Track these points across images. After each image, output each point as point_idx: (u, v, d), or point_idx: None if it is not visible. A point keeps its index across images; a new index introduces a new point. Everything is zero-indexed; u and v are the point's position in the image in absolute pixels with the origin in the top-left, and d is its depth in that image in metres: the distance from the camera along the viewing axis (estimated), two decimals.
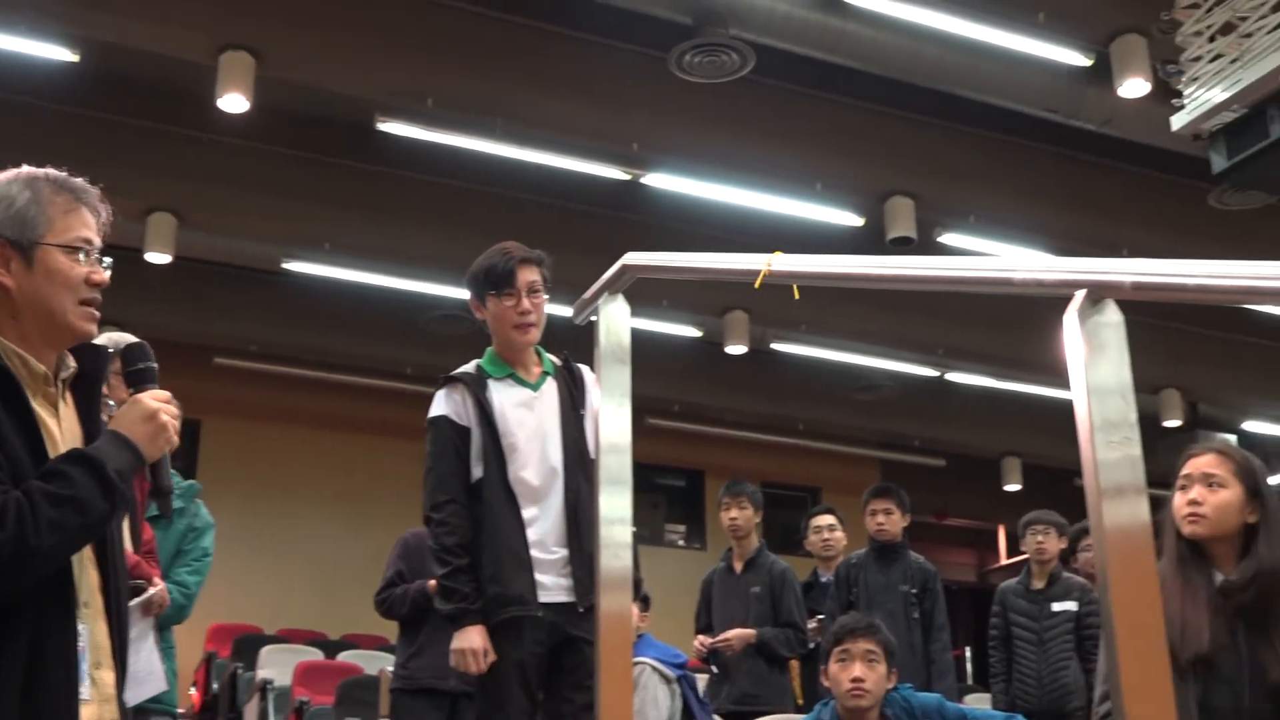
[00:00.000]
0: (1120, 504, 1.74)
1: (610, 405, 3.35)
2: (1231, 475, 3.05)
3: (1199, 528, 3.03)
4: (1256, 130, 6.70)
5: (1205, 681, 2.94)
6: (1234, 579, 2.97)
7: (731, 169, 9.65)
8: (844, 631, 4.25)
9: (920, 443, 15.63)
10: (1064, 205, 10.32)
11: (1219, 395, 14.04)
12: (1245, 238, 10.36)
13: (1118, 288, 1.77)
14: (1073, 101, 8.62)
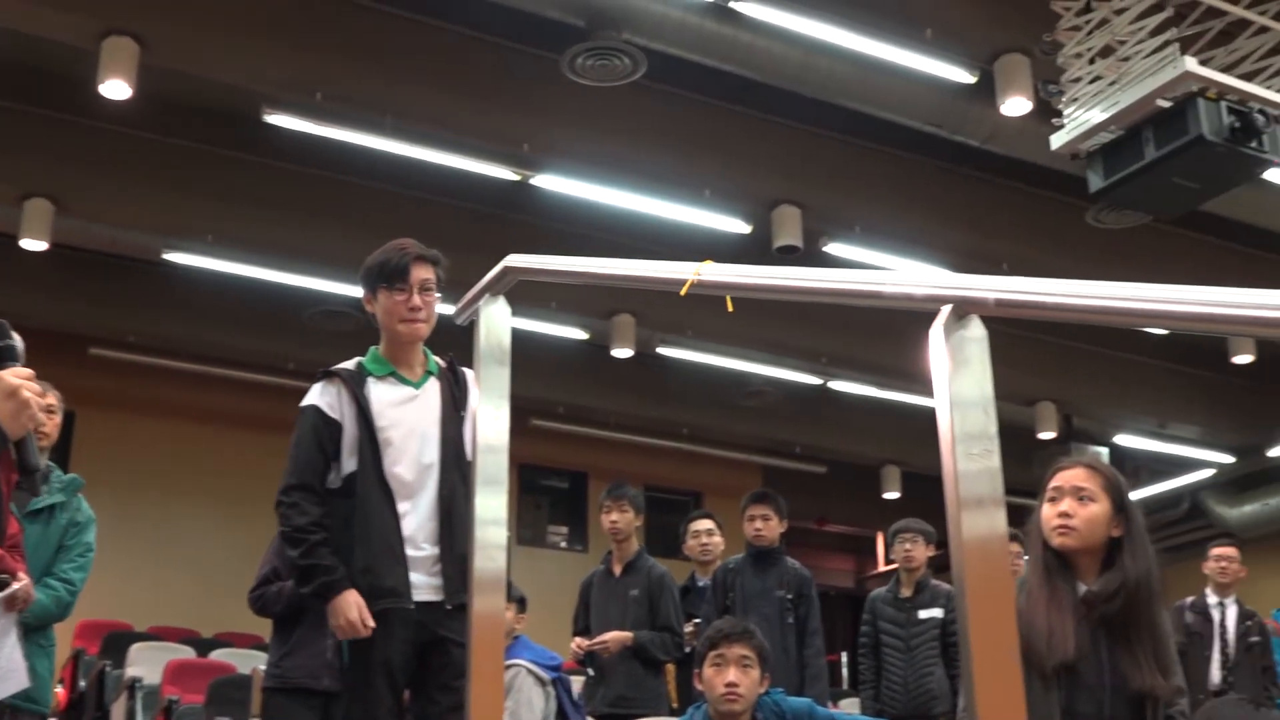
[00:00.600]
0: (979, 514, 1.78)
1: (488, 406, 3.36)
2: (1100, 490, 3.13)
3: (1069, 539, 3.11)
4: (1132, 151, 6.86)
5: (1069, 688, 3.02)
6: (1097, 589, 3.05)
7: (622, 173, 9.67)
8: (719, 636, 4.28)
9: (802, 449, 15.79)
10: (947, 219, 10.50)
11: (1092, 409, 14.36)
12: (1122, 256, 10.62)
13: (981, 304, 1.81)
14: (957, 117, 8.77)
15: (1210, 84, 6.53)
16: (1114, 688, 3.02)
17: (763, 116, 9.59)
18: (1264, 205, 9.89)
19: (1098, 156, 7.02)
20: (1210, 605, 7.33)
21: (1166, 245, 10.98)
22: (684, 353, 12.73)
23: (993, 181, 10.40)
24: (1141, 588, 3.04)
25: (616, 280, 3.06)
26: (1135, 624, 3.04)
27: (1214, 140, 6.49)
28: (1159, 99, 6.62)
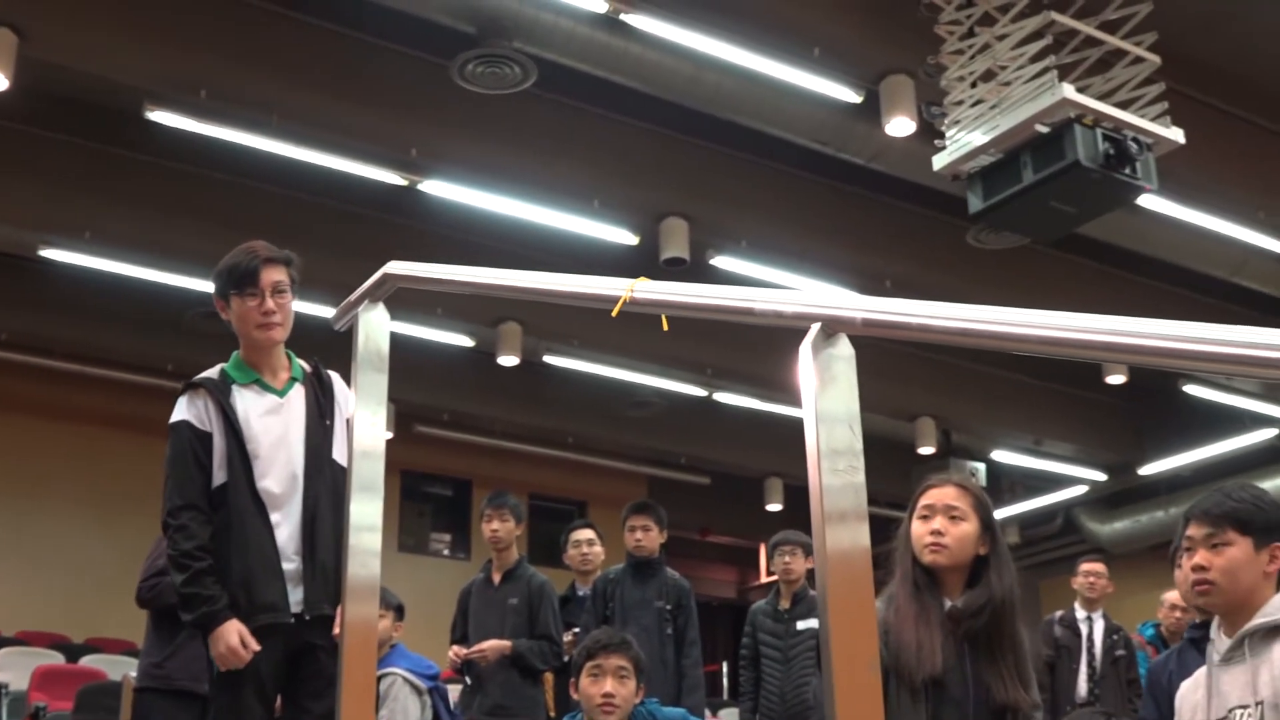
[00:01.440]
0: (842, 529, 1.81)
1: (365, 412, 3.34)
2: (970, 509, 3.21)
3: (940, 557, 3.17)
4: (1011, 174, 7.00)
5: (936, 701, 3.08)
6: (964, 605, 3.13)
7: (510, 181, 9.66)
8: (597, 647, 4.30)
9: (687, 460, 15.88)
10: (833, 235, 10.64)
11: (971, 425, 14.63)
12: (1002, 276, 10.85)
13: (849, 323, 1.85)
14: (843, 135, 8.89)
15: (1087, 111, 6.69)
16: (978, 700, 3.09)
17: (652, 129, 9.64)
18: (1138, 230, 10.15)
19: (978, 178, 7.15)
20: (1079, 619, 7.50)
21: (1046, 267, 11.23)
22: (571, 362, 12.73)
23: (877, 200, 10.56)
24: (1006, 604, 3.12)
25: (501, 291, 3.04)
26: (999, 639, 3.12)
27: (1089, 166, 6.65)
28: (1037, 124, 6.77)
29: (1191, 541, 2.86)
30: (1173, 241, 10.33)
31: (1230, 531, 2.81)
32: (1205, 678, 2.89)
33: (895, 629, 3.11)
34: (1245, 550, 2.80)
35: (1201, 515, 2.86)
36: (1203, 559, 2.82)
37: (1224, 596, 2.81)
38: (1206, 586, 2.82)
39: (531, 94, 8.70)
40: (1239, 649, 2.79)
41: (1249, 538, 2.81)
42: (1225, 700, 2.77)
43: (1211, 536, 2.82)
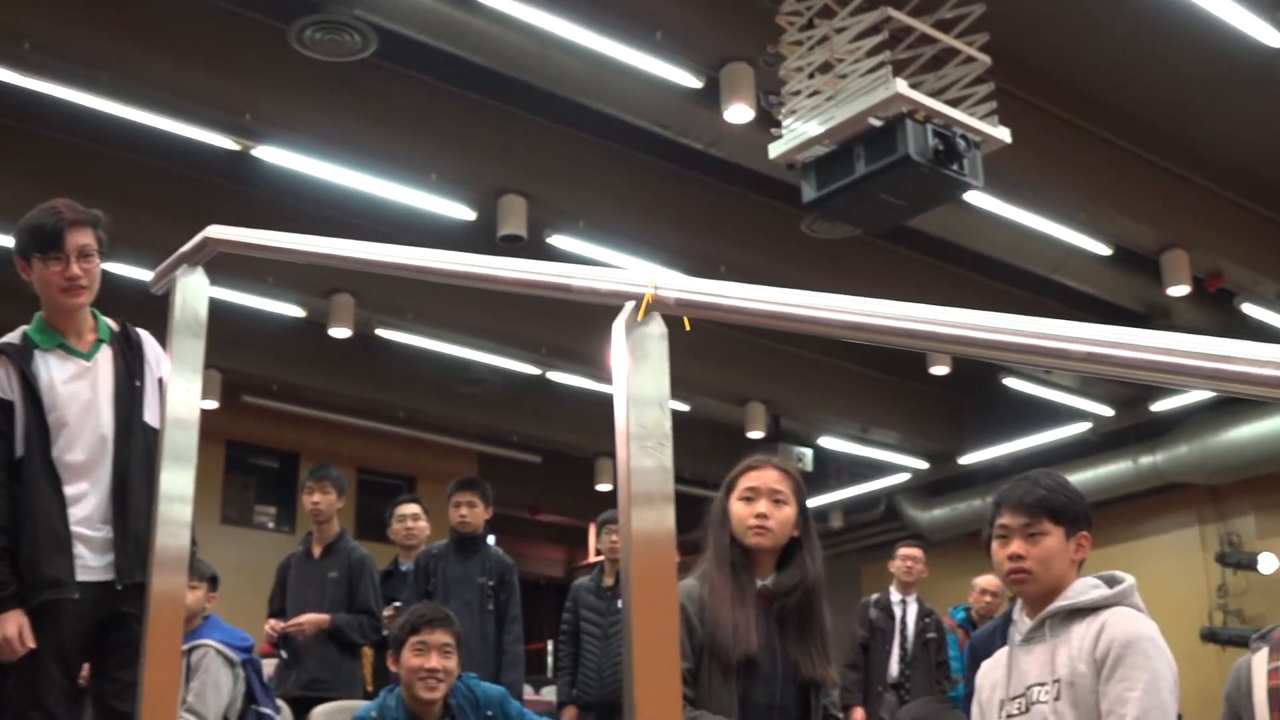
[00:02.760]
0: (648, 510, 1.83)
1: (180, 380, 3.25)
2: (791, 493, 3.30)
3: (765, 540, 3.24)
4: (843, 166, 7.11)
5: (747, 678, 3.16)
6: (776, 585, 3.22)
7: (347, 151, 9.50)
8: (421, 621, 4.28)
9: (519, 438, 15.85)
10: (671, 219, 10.70)
11: (800, 411, 14.86)
12: (834, 265, 11.03)
13: (663, 302, 1.86)
14: (683, 120, 8.94)
15: (919, 107, 6.82)
16: (786, 677, 3.19)
17: (494, 105, 9.57)
18: (965, 226, 10.42)
19: (811, 168, 7.25)
20: (893, 602, 7.68)
21: (877, 258, 11.45)
22: (404, 336, 12.60)
23: (715, 186, 10.65)
24: (816, 585, 3.24)
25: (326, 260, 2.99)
26: (809, 618, 3.23)
27: (919, 161, 6.79)
28: (871, 118, 6.88)
29: (1007, 530, 2.94)
30: (997, 238, 10.63)
31: (1045, 521, 2.91)
32: (1006, 657, 2.99)
33: (712, 608, 3.17)
34: (1058, 539, 2.91)
35: (1017, 505, 2.94)
36: (1019, 548, 2.91)
37: (1038, 584, 2.91)
38: (1023, 575, 2.91)
39: (371, 63, 8.57)
40: (1040, 630, 2.89)
41: (1061, 527, 2.92)
42: (1024, 678, 2.88)
43: (1028, 526, 2.91)
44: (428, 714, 4.19)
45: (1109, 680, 2.74)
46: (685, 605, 3.17)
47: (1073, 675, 2.78)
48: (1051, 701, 2.79)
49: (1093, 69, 9.33)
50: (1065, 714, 2.76)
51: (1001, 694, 2.94)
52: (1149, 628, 2.83)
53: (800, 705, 3.25)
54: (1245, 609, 13.78)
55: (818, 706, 3.26)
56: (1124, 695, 2.71)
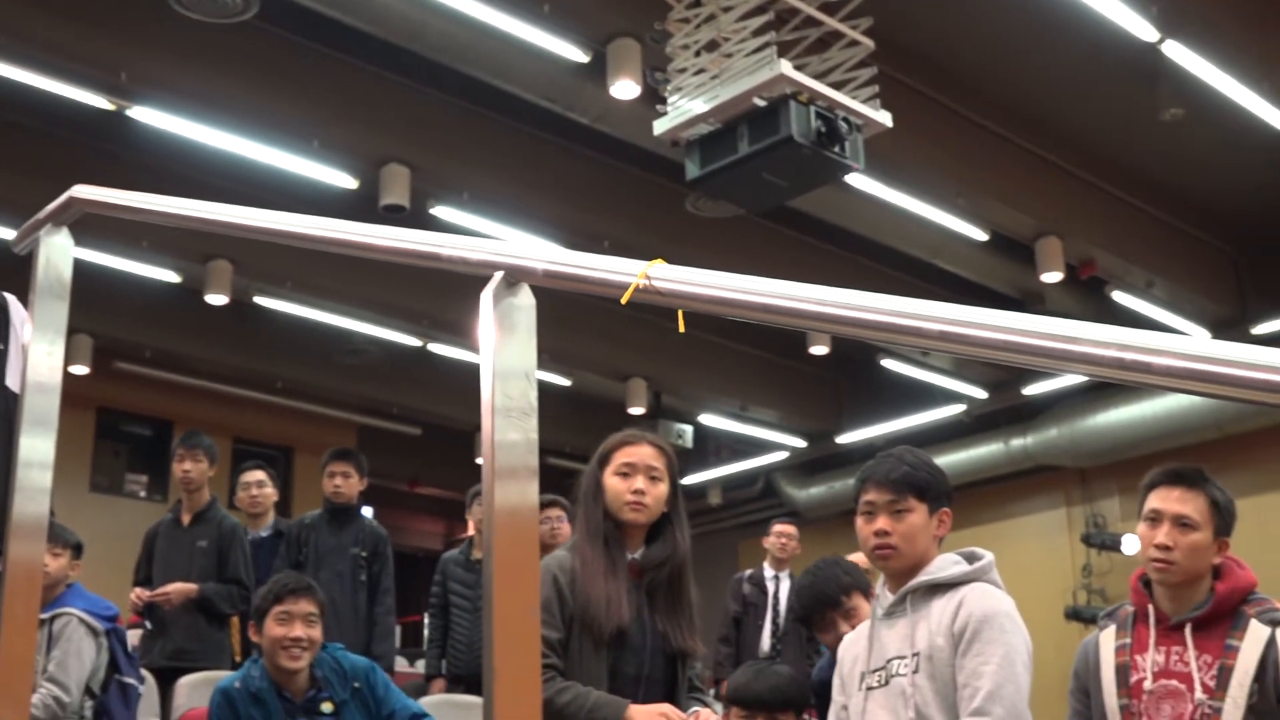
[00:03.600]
0: (512, 484, 1.82)
1: (42, 343, 3.16)
2: (665, 469, 3.35)
3: (641, 516, 3.29)
4: (727, 145, 7.14)
5: (617, 650, 3.19)
6: (646, 559, 3.26)
7: (227, 114, 9.31)
8: (284, 591, 4.23)
9: (399, 410, 15.73)
10: (555, 193, 10.67)
11: (681, 388, 14.93)
12: (718, 243, 11.09)
13: (531, 273, 1.85)
14: (570, 94, 8.91)
15: (803, 89, 6.87)
16: (654, 649, 3.23)
17: (379, 73, 9.46)
18: (847, 208, 10.53)
19: (696, 146, 7.26)
20: (767, 578, 7.77)
21: (760, 237, 11.53)
22: (283, 304, 12.41)
23: (601, 161, 10.64)
24: (685, 558, 3.31)
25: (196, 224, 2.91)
26: (677, 591, 3.29)
27: (802, 142, 6.83)
28: (755, 97, 6.91)
29: (872, 506, 2.98)
30: (878, 221, 10.76)
31: (910, 498, 2.95)
32: (868, 630, 3.04)
33: (583, 581, 3.19)
34: (922, 516, 2.96)
35: (883, 481, 2.98)
36: (885, 524, 2.95)
37: (902, 560, 2.96)
38: (889, 551, 2.95)
39: (253, 26, 8.41)
40: (901, 604, 2.95)
41: (925, 504, 2.97)
42: (885, 651, 2.93)
43: (894, 503, 2.96)
44: (292, 684, 4.14)
45: (965, 654, 2.81)
46: (557, 576, 3.19)
47: (931, 649, 2.84)
48: (910, 674, 2.84)
49: (975, 57, 9.48)
50: (923, 687, 2.81)
51: (863, 666, 2.99)
52: (1006, 603, 2.89)
53: (668, 676, 3.30)
54: (1108, 588, 14.16)
55: (684, 677, 3.32)
56: (979, 669, 2.77)
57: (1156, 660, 3.04)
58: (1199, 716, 2.93)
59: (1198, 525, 3.06)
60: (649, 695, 3.21)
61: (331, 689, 4.17)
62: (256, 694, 4.10)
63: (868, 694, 2.92)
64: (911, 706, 2.81)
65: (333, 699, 4.16)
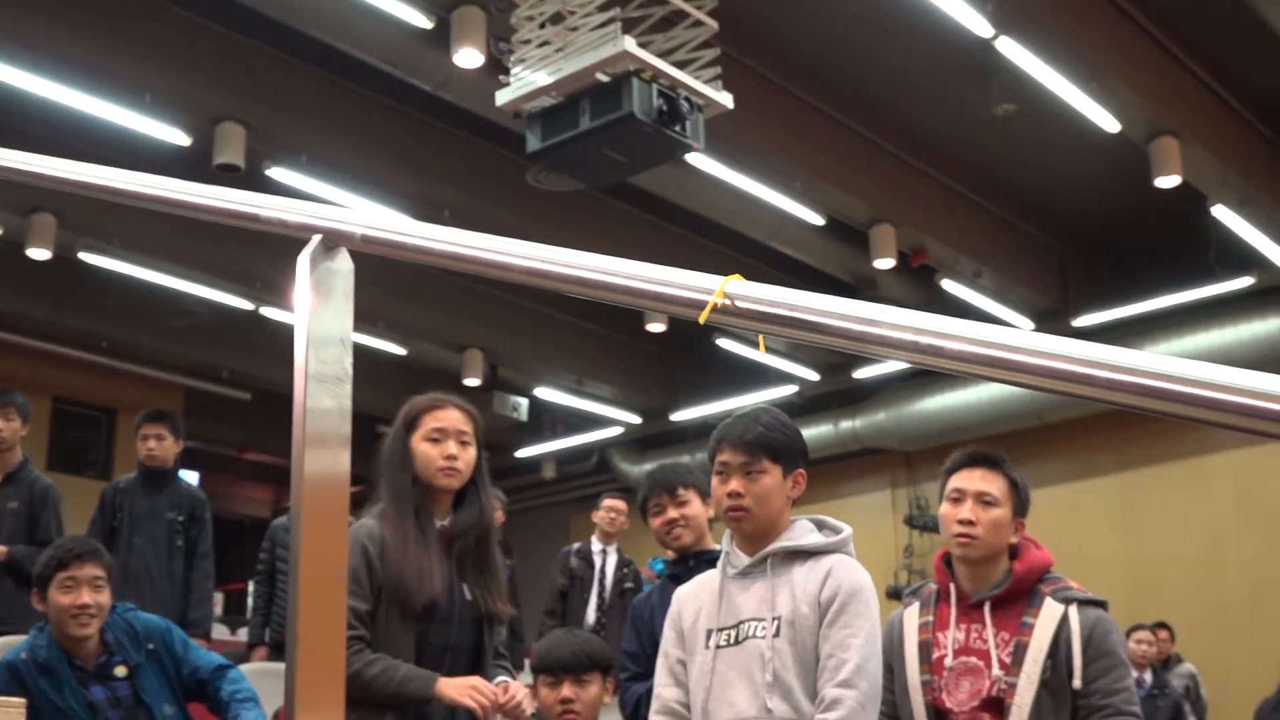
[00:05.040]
0: (323, 451, 1.80)
1: None
2: (474, 434, 3.35)
3: (453, 481, 3.30)
4: (569, 119, 7.12)
5: (426, 619, 3.18)
6: (454, 525, 3.26)
7: (56, 64, 8.96)
8: (69, 556, 4.11)
9: (229, 374, 15.40)
10: (396, 160, 10.53)
11: (518, 360, 14.90)
12: (559, 217, 11.05)
13: (349, 237, 1.83)
14: (413, 60, 8.80)
15: (645, 66, 6.88)
16: (463, 618, 3.24)
17: (215, 28, 9.22)
18: (689, 188, 10.60)
19: (537, 119, 7.23)
20: (594, 552, 7.79)
21: (602, 214, 11.56)
22: (109, 261, 12.04)
23: (444, 130, 10.53)
24: (492, 524, 3.33)
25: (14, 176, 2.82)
26: (484, 556, 3.32)
27: (643, 119, 6.85)
28: (598, 73, 6.91)
29: (726, 467, 2.95)
30: (719, 201, 10.86)
31: (765, 460, 2.94)
32: (716, 586, 3.00)
33: (394, 550, 3.17)
34: (776, 477, 2.95)
35: (738, 442, 2.95)
36: (739, 485, 2.93)
37: (756, 522, 2.94)
38: (742, 513, 2.93)
39: None
40: (760, 566, 2.94)
41: (779, 465, 2.96)
42: (738, 611, 2.91)
43: (748, 464, 2.93)
44: (81, 651, 4.03)
45: (833, 625, 2.83)
46: (366, 546, 3.15)
47: (794, 615, 2.84)
48: (770, 638, 2.84)
49: (817, 43, 9.61)
50: (783, 651, 2.82)
51: (709, 623, 2.95)
52: (868, 579, 2.95)
53: (475, 644, 3.31)
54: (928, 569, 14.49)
55: (490, 642, 3.32)
56: (847, 641, 2.81)
57: (957, 638, 3.13)
58: (995, 692, 3.02)
59: (999, 502, 3.17)
60: (455, 663, 3.21)
61: (124, 652, 4.06)
62: (45, 664, 3.97)
63: (716, 652, 2.90)
64: (769, 670, 2.81)
65: (126, 662, 4.05)
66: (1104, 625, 3.10)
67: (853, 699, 2.75)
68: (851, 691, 2.76)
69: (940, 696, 3.08)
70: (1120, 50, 9.15)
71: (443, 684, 3.09)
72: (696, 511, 3.99)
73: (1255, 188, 10.69)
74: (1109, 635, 3.10)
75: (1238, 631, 12.08)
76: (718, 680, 2.86)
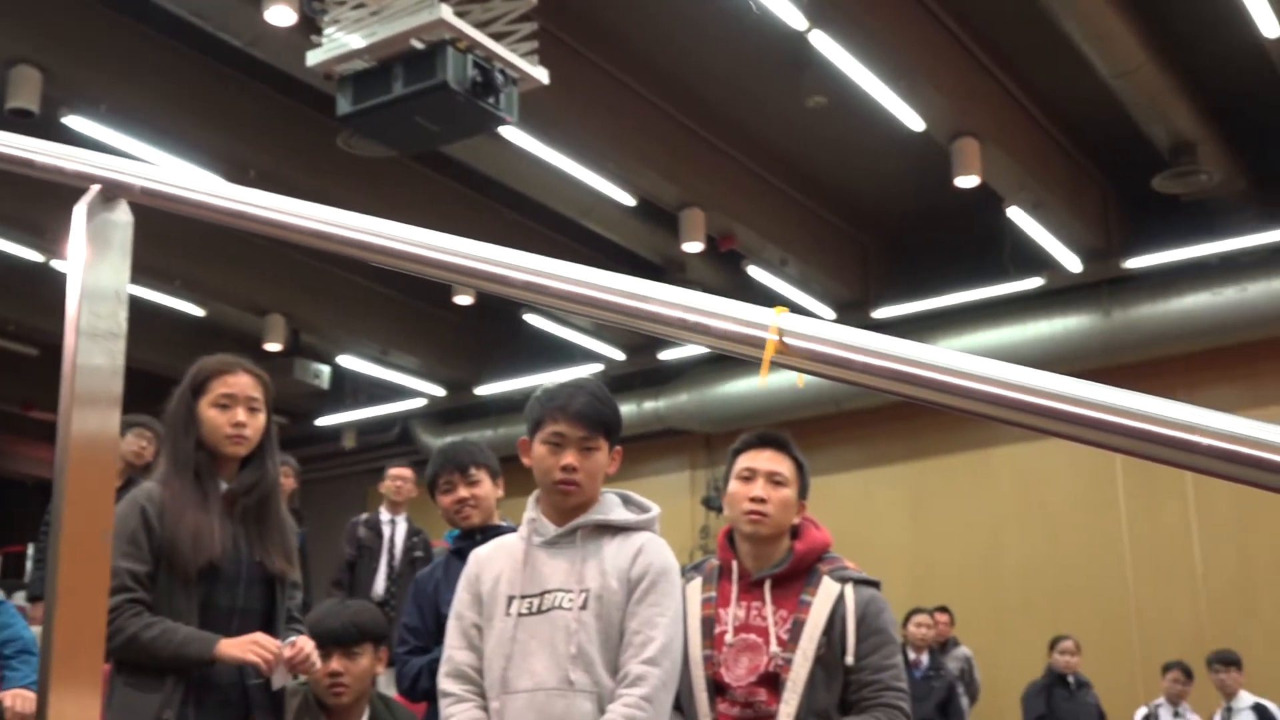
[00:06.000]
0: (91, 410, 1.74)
1: None
2: (263, 400, 3.32)
3: (242, 448, 3.29)
4: (381, 84, 7.04)
5: (209, 583, 3.13)
6: (239, 485, 3.23)
7: None
8: None
9: (16, 328, 14.80)
10: (202, 116, 10.22)
11: (321, 327, 14.64)
12: (370, 184, 10.89)
13: (129, 189, 1.78)
14: (222, 14, 8.56)
15: (462, 36, 6.84)
16: (250, 579, 3.22)
17: None
18: (505, 162, 10.55)
19: (349, 82, 7.14)
20: (382, 521, 7.71)
21: (415, 184, 11.43)
22: None
23: (253, 87, 10.27)
24: (276, 483, 3.32)
25: None
26: (268, 515, 3.30)
27: (456, 89, 6.81)
28: (413, 39, 6.85)
29: (562, 439, 2.94)
30: (531, 176, 10.82)
31: (600, 436, 2.96)
32: (520, 553, 2.98)
33: (173, 514, 3.13)
34: (605, 454, 2.98)
35: (578, 417, 2.94)
36: (574, 460, 2.93)
37: (583, 496, 2.96)
38: (573, 487, 2.93)
39: None
40: (569, 537, 2.94)
41: (608, 441, 2.99)
42: (543, 580, 2.91)
43: (586, 439, 2.94)
44: None
45: (641, 602, 2.86)
46: (145, 508, 3.12)
47: (603, 589, 2.86)
48: (576, 610, 2.85)
49: (637, 26, 9.65)
50: (589, 624, 2.83)
51: (511, 589, 2.93)
52: (675, 559, 2.98)
53: (265, 606, 3.28)
54: None
55: (283, 602, 3.28)
56: (655, 619, 2.84)
57: (738, 614, 3.20)
58: (772, 668, 3.10)
59: (788, 482, 3.25)
60: (245, 626, 3.17)
61: None
62: None
63: (518, 620, 2.89)
64: (574, 642, 2.82)
65: None
66: (877, 604, 3.20)
67: (656, 676, 2.79)
68: (656, 669, 2.80)
69: (719, 671, 3.14)
70: (929, 51, 9.40)
71: (224, 644, 3.06)
72: (487, 491, 3.98)
73: (1050, 192, 11.10)
74: (881, 614, 3.20)
75: (1011, 619, 12.57)
76: (519, 648, 2.86)
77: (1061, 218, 11.49)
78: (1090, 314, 12.31)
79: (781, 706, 3.04)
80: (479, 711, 2.88)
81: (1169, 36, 9.45)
